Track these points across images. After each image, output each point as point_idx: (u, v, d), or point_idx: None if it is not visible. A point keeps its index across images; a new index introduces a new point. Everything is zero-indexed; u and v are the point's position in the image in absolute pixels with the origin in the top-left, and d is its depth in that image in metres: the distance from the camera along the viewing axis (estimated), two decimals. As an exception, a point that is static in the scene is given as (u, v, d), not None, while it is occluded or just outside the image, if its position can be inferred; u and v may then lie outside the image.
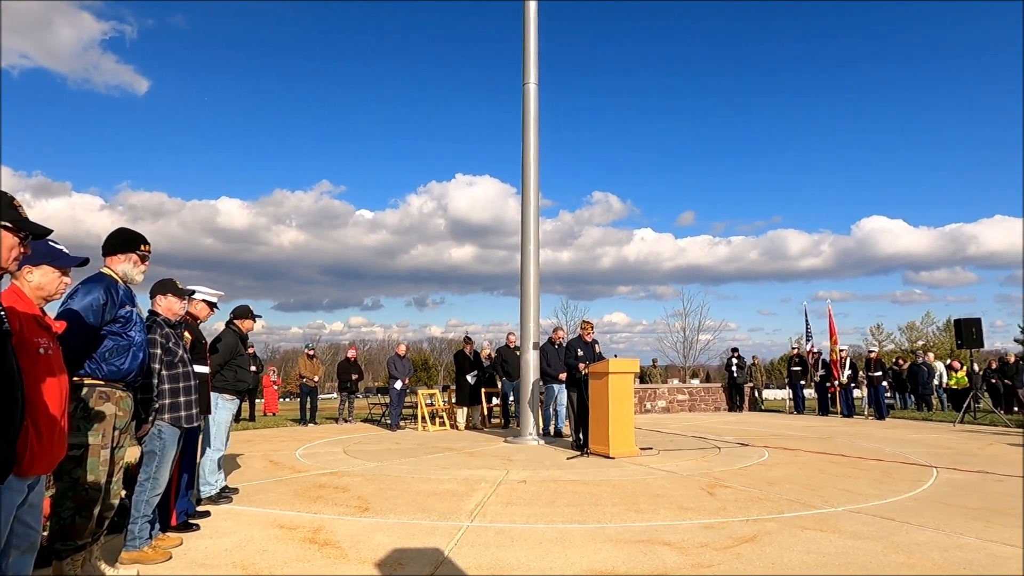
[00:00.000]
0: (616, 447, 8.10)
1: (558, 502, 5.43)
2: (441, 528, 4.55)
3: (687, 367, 39.27)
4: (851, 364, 16.25)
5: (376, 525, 4.64)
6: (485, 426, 12.73)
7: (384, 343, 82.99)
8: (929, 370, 17.82)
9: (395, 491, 5.94)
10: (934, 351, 32.04)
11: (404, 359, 12.95)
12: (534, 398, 9.99)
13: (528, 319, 10.10)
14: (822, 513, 5.02)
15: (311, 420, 13.67)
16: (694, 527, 4.57)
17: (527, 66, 10.68)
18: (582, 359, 9.14)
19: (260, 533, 4.42)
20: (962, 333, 14.28)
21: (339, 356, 15.37)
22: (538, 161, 10.54)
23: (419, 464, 7.67)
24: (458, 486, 6.17)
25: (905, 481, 6.48)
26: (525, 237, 10.33)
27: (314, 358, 14.56)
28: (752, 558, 3.81)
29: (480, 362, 12.77)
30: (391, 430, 12.06)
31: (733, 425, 13.24)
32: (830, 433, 11.58)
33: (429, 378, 66.06)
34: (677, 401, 17.63)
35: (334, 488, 6.11)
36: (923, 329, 52.00)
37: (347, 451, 8.98)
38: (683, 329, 38.90)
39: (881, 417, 15.03)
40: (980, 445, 9.63)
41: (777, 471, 7.13)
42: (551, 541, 4.19)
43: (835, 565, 3.66)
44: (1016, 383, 16.45)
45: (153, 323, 3.97)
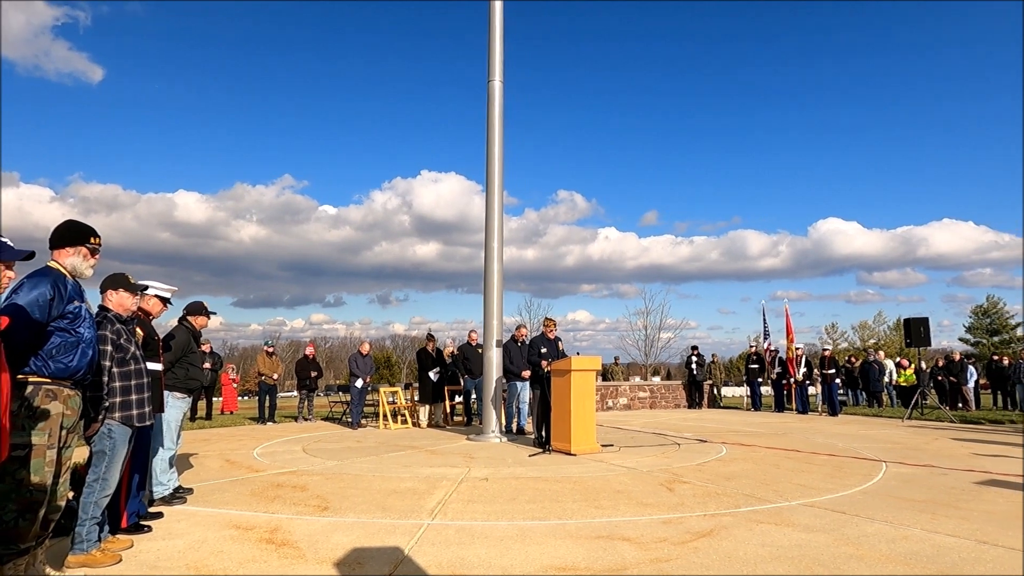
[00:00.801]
0: (578, 444, 8.16)
1: (519, 499, 5.44)
2: (402, 527, 4.52)
3: (649, 365, 39.77)
4: (806, 362, 16.69)
5: (335, 524, 4.58)
6: (447, 424, 12.69)
7: (346, 340, 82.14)
8: (880, 368, 18.40)
9: (355, 490, 5.87)
10: (885, 349, 33.11)
11: (366, 357, 12.82)
12: (497, 396, 10.00)
13: (491, 316, 10.10)
14: (777, 507, 5.14)
15: (270, 419, 13.43)
16: (653, 522, 4.63)
17: (492, 63, 10.67)
18: (545, 356, 9.18)
19: (215, 534, 4.32)
20: (911, 332, 14.79)
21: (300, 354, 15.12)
22: (503, 158, 10.54)
23: (380, 463, 7.60)
24: (419, 484, 6.14)
25: (856, 475, 6.68)
26: (489, 234, 10.32)
27: (274, 355, 14.31)
28: (709, 552, 3.87)
29: (443, 360, 12.72)
30: (352, 428, 11.93)
31: (692, 422, 13.46)
32: (785, 429, 11.86)
33: (392, 376, 65.57)
34: (638, 398, 17.85)
35: (292, 487, 6.01)
36: (875, 328, 53.82)
37: (306, 450, 8.85)
38: (645, 327, 39.48)
39: (834, 413, 15.47)
40: (927, 440, 9.98)
41: (734, 466, 7.27)
42: (512, 538, 4.20)
43: (788, 558, 3.75)
44: (961, 380, 17.10)
45: (103, 319, 3.84)
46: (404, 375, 66.60)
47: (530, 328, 28.37)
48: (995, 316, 50.80)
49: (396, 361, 74.62)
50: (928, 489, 5.93)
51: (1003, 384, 17.47)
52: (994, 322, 50.52)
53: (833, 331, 55.54)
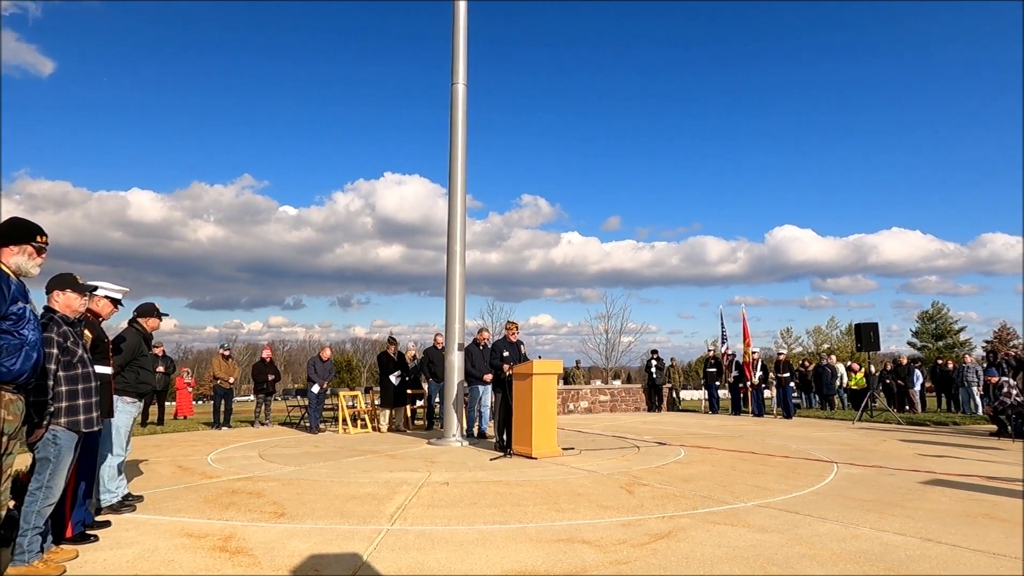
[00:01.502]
0: (539, 448, 8.18)
1: (480, 503, 5.43)
2: (360, 532, 4.46)
3: (609, 368, 40.19)
4: (762, 366, 17.05)
5: (292, 531, 4.49)
6: (408, 428, 12.58)
7: (305, 343, 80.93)
8: (832, 371, 18.92)
9: (313, 495, 5.77)
10: (837, 353, 34.08)
11: (326, 363, 12.62)
12: (458, 399, 9.95)
13: (453, 320, 10.06)
14: (733, 508, 5.24)
15: (225, 423, 13.12)
16: (613, 525, 4.67)
17: (456, 66, 10.65)
18: (507, 360, 9.18)
19: (166, 543, 4.19)
20: (861, 337, 15.25)
21: (257, 357, 14.78)
22: (466, 161, 10.52)
23: (339, 468, 7.49)
24: (379, 489, 6.07)
25: (809, 476, 6.85)
26: (451, 238, 10.29)
27: (230, 359, 13.97)
28: (667, 553, 3.92)
29: (404, 363, 12.61)
30: (310, 433, 11.74)
31: (652, 425, 13.63)
32: (742, 432, 12.10)
33: (352, 380, 64.76)
34: (599, 402, 17.99)
35: (248, 494, 5.88)
36: (828, 333, 55.40)
37: (263, 455, 8.67)
38: (606, 331, 39.86)
39: (788, 416, 15.85)
40: (875, 441, 10.30)
41: (692, 469, 7.38)
42: (472, 542, 4.18)
43: (744, 558, 3.82)
44: (908, 384, 17.69)
45: (49, 320, 3.70)
46: (365, 379, 65.85)
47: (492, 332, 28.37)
48: (940, 322, 52.77)
49: (357, 365, 73.74)
50: (877, 489, 6.11)
51: (947, 387, 18.13)
52: (939, 327, 52.46)
53: (788, 336, 57.02)
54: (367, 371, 68.86)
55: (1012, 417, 11.10)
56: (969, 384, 16.30)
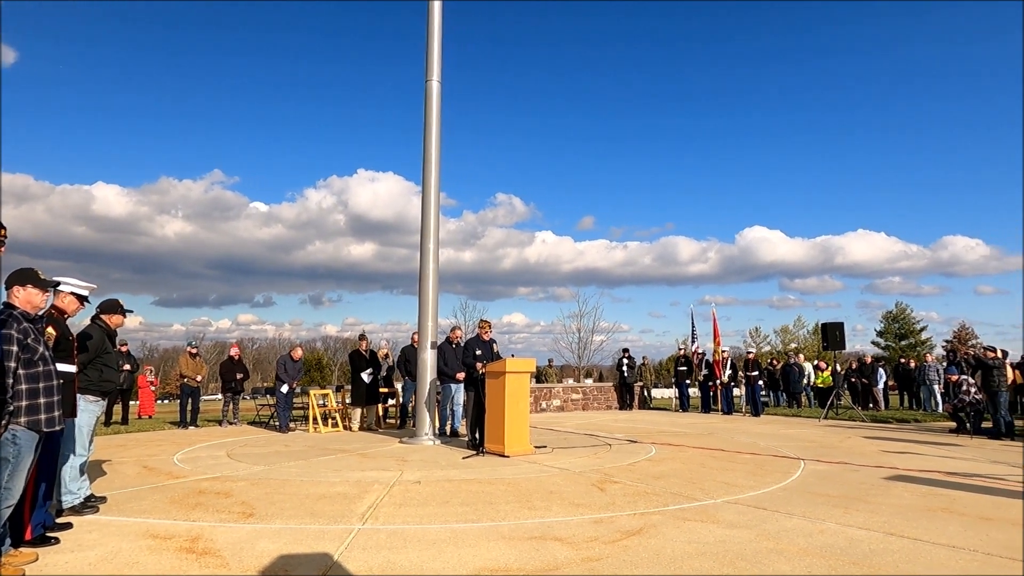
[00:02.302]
0: (511, 446, 8.19)
1: (452, 502, 5.41)
2: (331, 532, 4.41)
3: (582, 367, 40.38)
4: (731, 364, 17.30)
5: (261, 531, 4.43)
6: (380, 427, 12.49)
7: (275, 342, 79.87)
8: (799, 370, 19.27)
9: (282, 495, 5.70)
10: (804, 352, 34.71)
11: (297, 363, 12.47)
12: (431, 398, 9.92)
13: (426, 318, 10.01)
14: (703, 505, 5.30)
15: (192, 423, 12.88)
16: (585, 522, 4.69)
17: (430, 63, 10.59)
18: (480, 358, 9.17)
19: (130, 544, 4.10)
20: (827, 336, 15.56)
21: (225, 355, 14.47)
22: (439, 159, 10.48)
23: (309, 467, 7.41)
24: (350, 488, 6.01)
25: (776, 473, 6.97)
26: (425, 235, 10.23)
27: (197, 357, 13.71)
28: (638, 550, 3.96)
29: (376, 361, 12.51)
30: (280, 432, 11.58)
31: (623, 423, 13.73)
32: (711, 429, 12.26)
33: (323, 378, 64.10)
34: (571, 400, 18.07)
35: (215, 494, 5.78)
36: (795, 332, 56.31)
37: (231, 455, 8.53)
38: (579, 330, 40.02)
39: (757, 414, 16.10)
40: (841, 438, 10.52)
41: (663, 466, 7.46)
42: (444, 541, 4.17)
43: (713, 554, 3.87)
44: (872, 382, 18.11)
45: (9, 317, 3.59)
46: (336, 377, 65.23)
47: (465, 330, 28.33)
48: (903, 321, 54.06)
49: (327, 363, 73.02)
50: (842, 485, 6.25)
51: (909, 385, 18.60)
52: (902, 327, 53.74)
53: (757, 335, 57.82)
54: (338, 370, 68.26)
55: (970, 414, 11.43)
56: (930, 382, 16.75)
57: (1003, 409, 10.96)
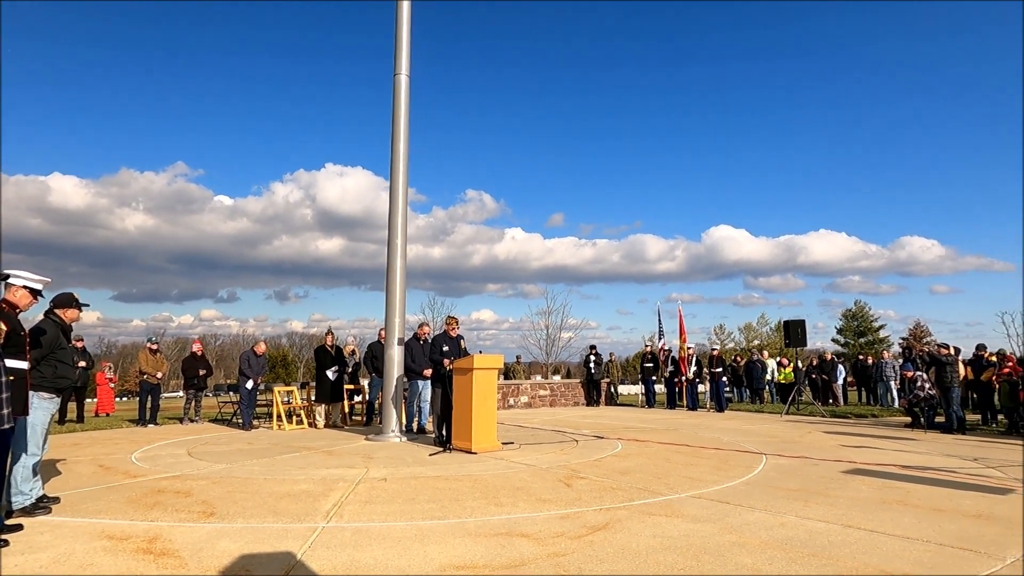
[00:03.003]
0: (479, 442, 8.18)
1: (418, 499, 5.38)
2: (294, 530, 4.34)
3: (549, 363, 40.50)
4: (696, 361, 17.55)
5: (222, 531, 4.34)
6: (346, 424, 12.36)
7: (239, 338, 78.48)
8: (762, 366, 19.65)
9: (244, 494, 5.59)
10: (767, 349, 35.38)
11: (260, 358, 12.25)
12: (397, 394, 9.84)
13: (393, 314, 9.93)
14: (668, 499, 5.36)
15: (151, 420, 12.56)
16: (551, 518, 4.71)
17: (399, 57, 10.50)
18: (447, 355, 9.13)
19: (84, 546, 3.98)
20: (789, 333, 15.89)
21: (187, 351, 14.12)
22: (407, 153, 10.40)
23: (272, 465, 7.29)
24: (314, 486, 5.93)
25: (739, 467, 7.09)
26: (392, 231, 10.15)
27: (158, 353, 13.38)
28: (604, 545, 3.98)
29: (343, 357, 12.37)
30: (243, 430, 11.38)
31: (590, 419, 13.83)
32: (677, 425, 12.42)
33: (288, 375, 63.24)
34: (539, 396, 18.13)
35: (175, 493, 5.64)
36: (758, 329, 57.33)
37: (192, 453, 8.35)
38: (547, 327, 40.12)
39: (721, 409, 16.37)
40: (801, 433, 10.75)
41: (629, 461, 7.52)
42: (410, 538, 4.14)
43: (678, 547, 3.92)
44: (832, 378, 18.56)
45: (-47, 311, 3.44)
46: (301, 374, 64.41)
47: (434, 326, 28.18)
48: (861, 319, 55.46)
49: (293, 360, 72.04)
50: (802, 479, 6.38)
51: (867, 381, 19.12)
52: (860, 325, 55.13)
53: (721, 332, 58.73)
54: (304, 366, 67.41)
55: (924, 409, 11.79)
56: (887, 379, 17.23)
57: (955, 404, 11.32)
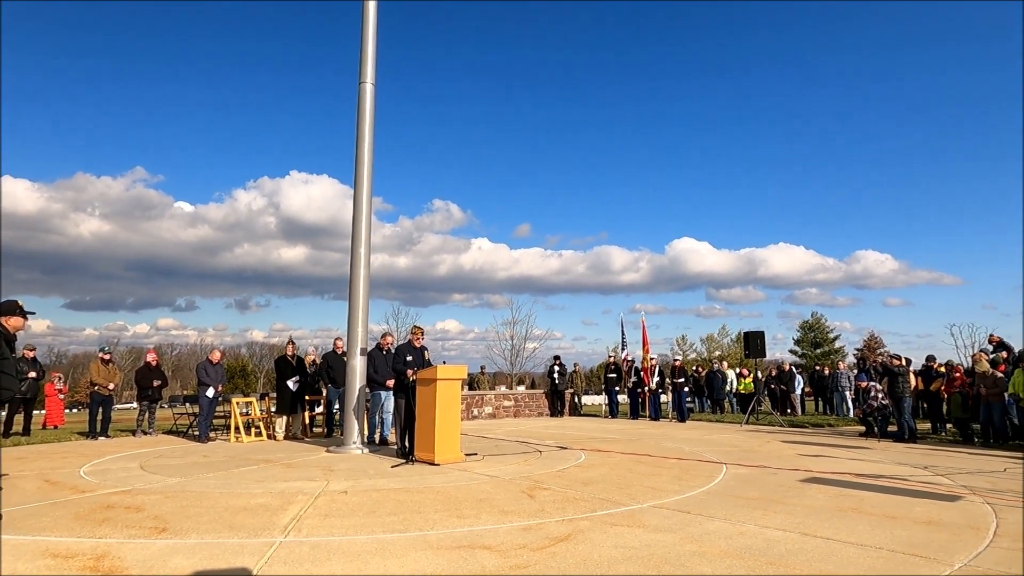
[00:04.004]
0: (442, 453, 8.11)
1: (379, 511, 5.30)
2: (250, 546, 4.23)
3: (514, 374, 40.51)
4: (659, 372, 17.74)
5: (174, 547, 4.20)
6: (307, 436, 12.14)
7: (196, 347, 76.67)
8: (723, 377, 19.97)
9: (199, 508, 5.43)
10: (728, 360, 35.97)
11: (217, 366, 11.97)
12: (359, 405, 9.71)
13: (356, 324, 9.82)
14: (630, 510, 5.39)
15: (103, 433, 12.15)
16: (514, 529, 4.68)
17: (364, 65, 10.45)
18: (410, 365, 9.05)
19: (27, 564, 3.81)
20: (749, 344, 16.19)
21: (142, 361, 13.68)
22: (372, 162, 10.33)
23: (229, 478, 7.11)
24: (272, 500, 5.80)
25: (700, 477, 7.17)
26: (356, 240, 10.05)
27: (110, 363, 12.96)
28: (566, 556, 3.97)
29: (303, 368, 12.17)
30: (200, 442, 11.08)
31: (554, 429, 13.84)
32: (639, 435, 12.52)
33: (247, 386, 61.91)
34: (503, 407, 18.09)
35: (126, 508, 5.45)
36: (719, 340, 58.35)
37: (145, 466, 8.09)
38: (512, 337, 40.16)
39: (682, 419, 16.56)
40: (761, 443, 10.94)
41: (592, 472, 7.55)
42: (370, 552, 4.07)
43: (639, 558, 3.93)
44: (789, 389, 18.94)
45: None
46: (261, 384, 63.14)
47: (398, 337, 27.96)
48: (818, 331, 56.82)
49: (253, 370, 70.58)
50: (761, 488, 6.49)
51: (823, 391, 19.57)
52: (817, 336, 56.49)
53: (684, 343, 59.62)
54: (264, 376, 66.12)
55: (877, 418, 12.12)
56: (842, 389, 17.67)
57: (907, 414, 11.66)
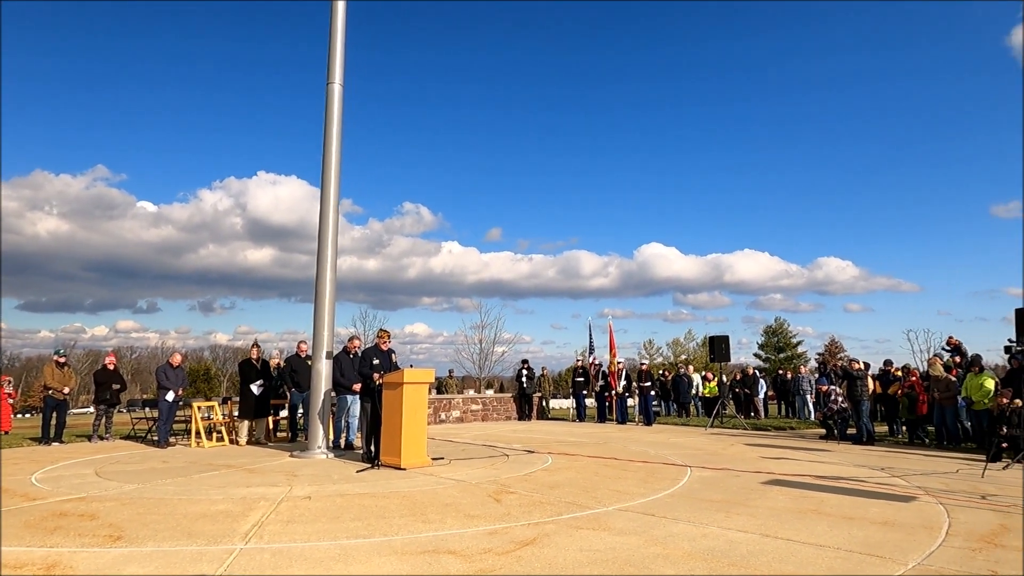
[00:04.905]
0: (408, 458, 8.05)
1: (344, 517, 5.23)
2: (210, 553, 4.14)
3: (483, 378, 40.40)
4: (626, 375, 17.88)
5: (129, 555, 4.09)
6: (270, 440, 11.93)
7: (157, 351, 74.89)
8: (688, 381, 20.19)
9: (157, 515, 5.30)
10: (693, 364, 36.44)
11: (177, 369, 11.69)
12: (325, 409, 9.58)
13: (322, 327, 9.69)
14: (596, 513, 5.42)
15: (56, 438, 11.76)
16: (479, 534, 4.67)
17: (333, 66, 10.34)
18: (377, 369, 8.97)
19: (-28, 576, 3.67)
20: (714, 348, 16.43)
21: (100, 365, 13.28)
22: (340, 163, 10.22)
23: (189, 484, 6.94)
24: (233, 506, 5.68)
25: (665, 480, 7.25)
26: (322, 241, 9.94)
27: (66, 366, 12.56)
28: (531, 560, 3.97)
29: (269, 371, 11.96)
30: (159, 448, 10.80)
31: (521, 433, 13.85)
32: (606, 438, 12.59)
33: (210, 389, 60.70)
34: (471, 411, 18.03)
35: (79, 516, 5.29)
36: (686, 344, 59.15)
37: (100, 473, 7.86)
38: (480, 341, 40.04)
39: (649, 423, 16.71)
40: (725, 446, 11.10)
41: (559, 475, 7.57)
42: (333, 559, 4.01)
43: (604, 560, 3.95)
44: (753, 392, 19.26)
45: None
46: (224, 388, 61.95)
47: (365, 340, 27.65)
48: (781, 336, 57.99)
49: (216, 373, 69.23)
50: (724, 490, 6.58)
51: (786, 395, 19.95)
52: (780, 341, 57.64)
53: (651, 347, 60.29)
54: (227, 380, 64.90)
55: (837, 421, 12.40)
56: (804, 392, 18.02)
57: (865, 417, 11.95)
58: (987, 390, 10.39)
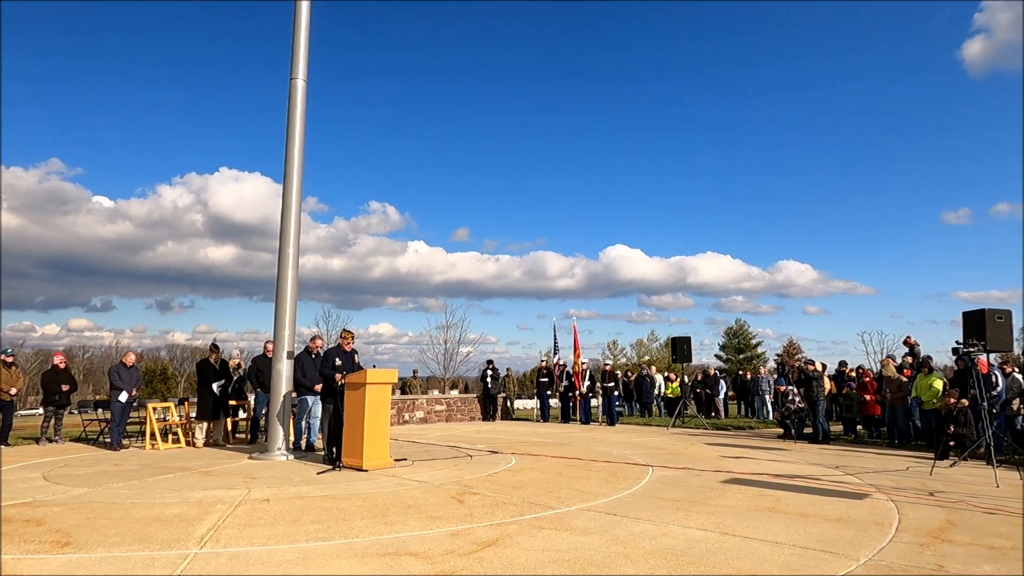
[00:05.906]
0: (370, 459, 7.96)
1: (303, 520, 5.15)
2: (163, 558, 4.03)
3: (447, 378, 40.27)
4: (590, 376, 18.00)
5: (78, 562, 3.95)
6: (228, 442, 11.67)
7: (111, 350, 72.66)
8: (651, 381, 20.44)
9: (107, 520, 5.14)
10: (656, 365, 36.93)
11: (131, 369, 11.36)
12: (285, 410, 9.42)
13: (283, 326, 9.53)
14: (558, 513, 5.44)
15: (2, 441, 11.32)
16: (441, 535, 4.64)
17: (296, 61, 10.18)
18: (339, 369, 8.85)
19: (-93, 585, 3.50)
20: (676, 349, 16.66)
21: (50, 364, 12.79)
22: (302, 159, 10.07)
23: (142, 488, 6.75)
24: (189, 509, 5.54)
25: (627, 479, 7.31)
26: (284, 239, 9.77)
27: (13, 366, 12.10)
28: (493, 560, 3.97)
29: (228, 371, 11.70)
30: (111, 450, 10.48)
31: (486, 434, 13.83)
32: (570, 439, 12.66)
33: (167, 390, 59.27)
34: (435, 411, 17.94)
35: (24, 522, 5.10)
36: (649, 345, 59.89)
37: (48, 477, 7.58)
38: (445, 341, 39.90)
39: (612, 423, 16.86)
40: (686, 445, 11.26)
41: (522, 476, 7.57)
42: (291, 562, 3.94)
43: (565, 560, 3.97)
44: (714, 392, 19.59)
45: None
46: (182, 389, 60.51)
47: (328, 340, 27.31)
48: (741, 337, 59.18)
49: (173, 374, 67.58)
50: (685, 489, 6.67)
51: (746, 395, 20.35)
52: (740, 342, 58.83)
53: (615, 348, 60.88)
54: (185, 380, 63.40)
55: (795, 421, 12.69)
56: (763, 393, 18.40)
57: (821, 416, 12.26)
58: (936, 390, 10.74)
